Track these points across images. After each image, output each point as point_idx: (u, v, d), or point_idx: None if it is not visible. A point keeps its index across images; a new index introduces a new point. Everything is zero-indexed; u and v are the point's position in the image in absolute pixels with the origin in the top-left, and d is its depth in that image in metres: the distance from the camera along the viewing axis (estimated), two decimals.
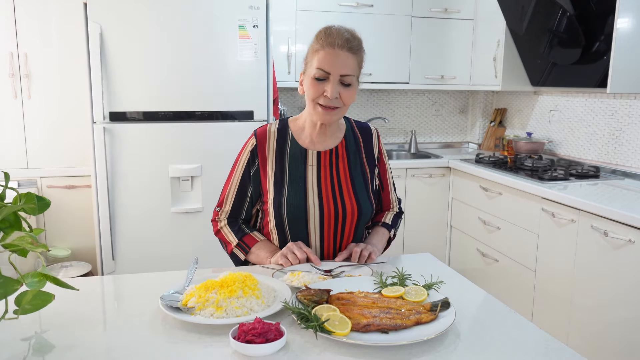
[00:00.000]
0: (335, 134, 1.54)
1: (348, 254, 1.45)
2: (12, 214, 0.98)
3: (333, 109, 1.41)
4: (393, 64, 3.52)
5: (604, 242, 2.17)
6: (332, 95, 1.38)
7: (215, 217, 1.59)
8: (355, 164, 1.54)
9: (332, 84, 1.38)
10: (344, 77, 1.39)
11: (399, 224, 1.68)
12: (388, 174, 1.65)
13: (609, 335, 2.15)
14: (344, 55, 1.38)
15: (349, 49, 1.39)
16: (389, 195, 1.67)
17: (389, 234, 1.62)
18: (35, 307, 0.94)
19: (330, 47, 1.38)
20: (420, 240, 3.45)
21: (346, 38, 1.39)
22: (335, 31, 1.40)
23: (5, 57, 2.79)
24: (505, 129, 3.88)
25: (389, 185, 1.66)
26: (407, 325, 1.03)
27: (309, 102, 1.44)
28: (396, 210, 1.69)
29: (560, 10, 2.82)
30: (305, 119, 1.52)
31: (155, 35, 2.61)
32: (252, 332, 0.94)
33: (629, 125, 2.81)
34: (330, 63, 1.38)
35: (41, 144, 2.92)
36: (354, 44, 1.41)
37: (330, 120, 1.45)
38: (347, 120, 1.60)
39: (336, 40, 1.38)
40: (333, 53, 1.38)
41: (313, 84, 1.40)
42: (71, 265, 2.94)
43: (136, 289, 1.31)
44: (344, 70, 1.38)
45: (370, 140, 1.59)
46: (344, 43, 1.38)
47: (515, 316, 1.13)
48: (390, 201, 1.67)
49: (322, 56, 1.38)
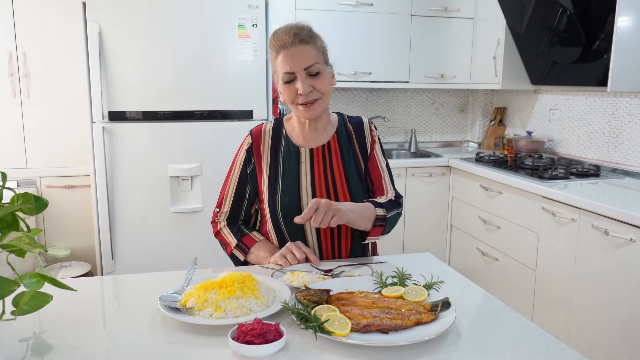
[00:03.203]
0: (326, 130, 1.54)
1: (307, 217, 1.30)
2: (9, 214, 0.97)
3: (313, 102, 1.42)
4: (393, 63, 3.51)
5: (604, 241, 2.16)
6: (304, 91, 1.39)
7: (215, 219, 1.59)
8: (349, 158, 1.53)
9: (300, 80, 1.39)
10: (309, 69, 1.40)
11: (393, 211, 1.51)
12: (379, 162, 1.56)
13: (609, 334, 2.15)
14: (299, 49, 1.39)
15: (301, 41, 1.40)
16: (382, 181, 1.55)
17: (376, 211, 1.46)
18: (33, 308, 0.94)
19: (284, 48, 1.40)
20: (421, 239, 3.45)
21: (294, 33, 1.40)
22: (281, 32, 1.41)
23: (4, 57, 2.78)
24: (505, 127, 3.87)
25: (380, 172, 1.55)
26: (407, 325, 1.02)
27: (290, 106, 1.46)
28: (391, 197, 1.55)
29: (561, 8, 2.82)
30: (295, 119, 1.54)
31: (154, 35, 2.61)
32: (252, 333, 0.94)
33: (629, 123, 2.80)
34: (290, 63, 1.39)
35: (40, 144, 2.91)
36: (303, 34, 1.41)
37: (315, 114, 1.44)
38: (340, 116, 1.60)
39: (285, 39, 1.39)
40: (288, 53, 1.39)
41: (286, 88, 1.42)
42: (70, 265, 2.94)
43: (135, 289, 1.30)
44: (304, 62, 1.39)
45: (362, 131, 1.58)
46: (293, 39, 1.39)
47: (516, 316, 1.13)
48: (383, 188, 1.55)
49: (281, 60, 1.40)
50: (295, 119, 1.54)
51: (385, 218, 1.47)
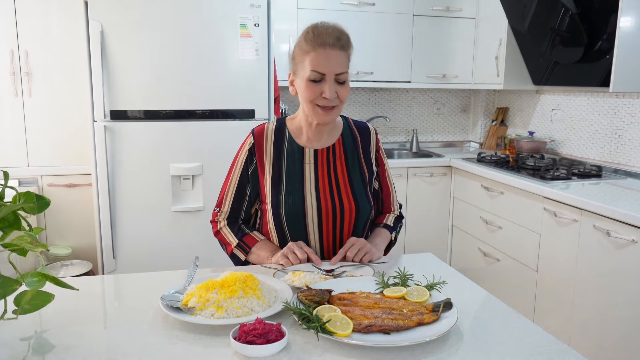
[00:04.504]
0: (332, 132, 1.53)
1: (344, 253, 1.40)
2: (11, 213, 0.97)
3: (332, 108, 1.40)
4: (394, 63, 3.51)
5: (606, 242, 2.16)
6: (330, 96, 1.37)
7: (215, 218, 1.58)
8: (354, 163, 1.53)
9: (329, 84, 1.36)
10: (339, 76, 1.38)
11: (399, 228, 1.64)
12: (387, 175, 1.62)
13: (611, 335, 2.14)
14: (336, 54, 1.37)
15: (341, 47, 1.38)
16: (390, 196, 1.64)
17: (391, 236, 1.59)
18: (34, 307, 0.94)
19: (322, 47, 1.35)
20: (422, 239, 3.44)
21: (336, 36, 1.37)
22: (324, 30, 1.37)
23: (6, 55, 2.78)
24: (507, 128, 3.87)
25: (389, 186, 1.63)
26: (409, 326, 1.02)
27: (306, 104, 1.41)
28: (397, 213, 1.65)
29: (563, 8, 2.81)
30: (302, 118, 1.51)
31: (156, 34, 2.61)
32: (253, 333, 0.93)
33: (631, 124, 2.79)
34: (324, 64, 1.36)
35: (42, 143, 2.91)
36: (344, 40, 1.39)
37: (331, 119, 1.43)
38: (344, 119, 1.59)
39: (327, 40, 1.36)
40: (325, 54, 1.35)
41: (309, 86, 1.38)
42: (72, 264, 2.94)
43: (136, 289, 1.30)
44: (338, 69, 1.37)
45: (368, 139, 1.58)
46: (335, 41, 1.36)
47: (518, 317, 1.13)
48: (391, 202, 1.64)
49: (315, 57, 1.36)
50: (301, 119, 1.51)
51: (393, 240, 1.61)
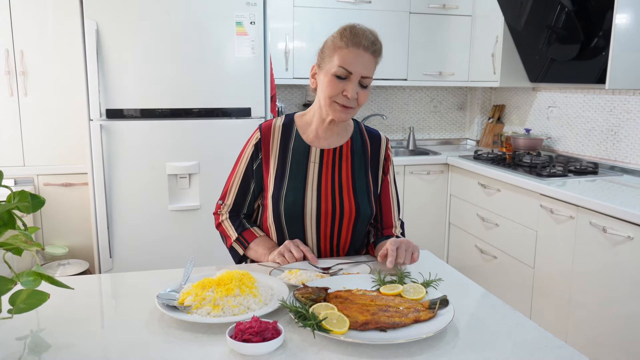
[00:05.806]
0: (341, 133, 1.53)
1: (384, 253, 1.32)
2: (6, 212, 0.97)
3: (349, 107, 1.41)
4: (391, 61, 3.51)
5: (602, 238, 2.17)
6: (352, 95, 1.37)
7: (218, 211, 1.59)
8: (360, 167, 1.52)
9: (352, 84, 1.37)
10: (364, 79, 1.39)
11: None
12: (390, 188, 1.57)
13: (607, 332, 2.15)
14: (367, 57, 1.38)
15: (373, 51, 1.39)
16: (391, 213, 1.56)
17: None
18: (29, 307, 0.93)
19: (356, 47, 1.36)
20: (419, 237, 3.44)
21: (372, 40, 1.39)
22: (361, 31, 1.39)
23: (1, 54, 2.77)
24: (503, 125, 3.87)
25: (390, 201, 1.56)
26: (405, 323, 1.02)
27: (325, 99, 1.41)
28: (398, 234, 1.58)
29: (559, 6, 2.81)
30: (314, 114, 1.50)
31: (151, 32, 2.60)
32: (249, 331, 0.93)
33: (627, 121, 2.80)
34: (354, 63, 1.36)
35: (38, 142, 2.90)
36: (378, 47, 1.41)
37: (345, 118, 1.44)
38: (356, 123, 1.58)
39: (362, 41, 1.37)
40: (357, 53, 1.37)
41: (332, 82, 1.38)
42: (69, 263, 2.94)
43: (133, 288, 1.30)
44: (365, 71, 1.38)
45: (378, 147, 1.56)
46: (370, 45, 1.38)
47: (514, 313, 1.13)
48: (392, 219, 1.57)
49: (346, 55, 1.37)
50: (314, 116, 1.50)
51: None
